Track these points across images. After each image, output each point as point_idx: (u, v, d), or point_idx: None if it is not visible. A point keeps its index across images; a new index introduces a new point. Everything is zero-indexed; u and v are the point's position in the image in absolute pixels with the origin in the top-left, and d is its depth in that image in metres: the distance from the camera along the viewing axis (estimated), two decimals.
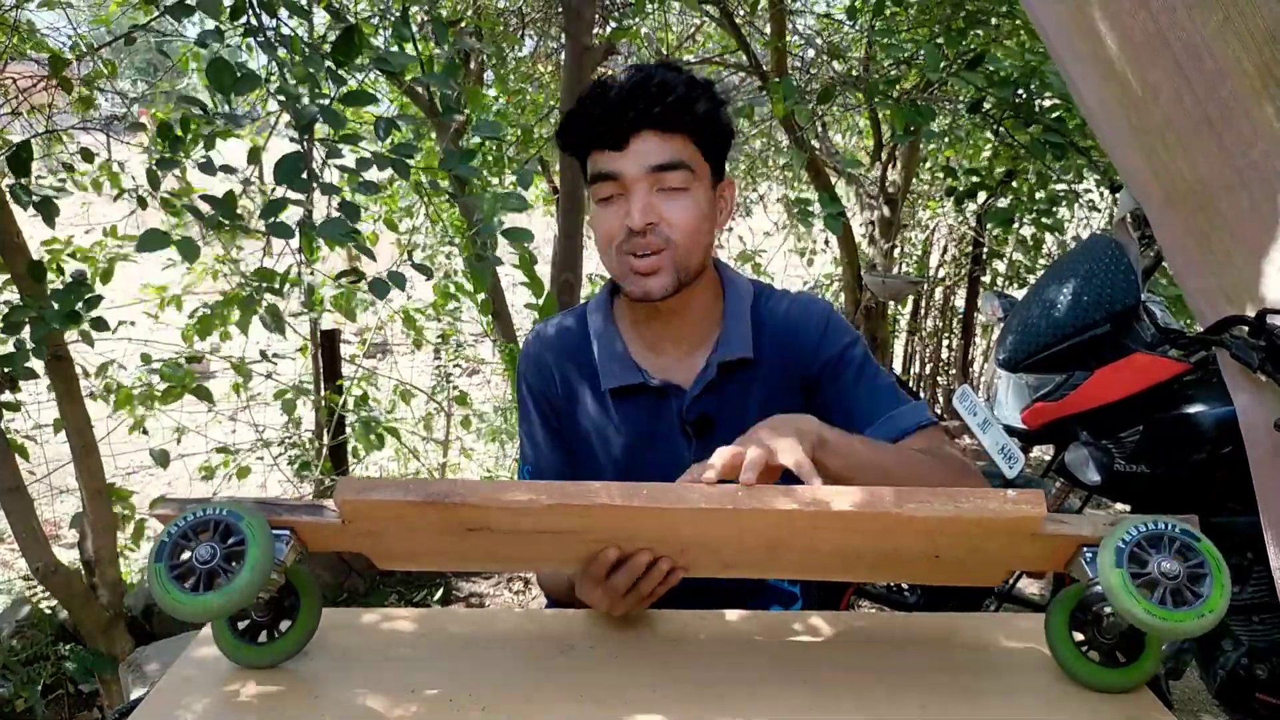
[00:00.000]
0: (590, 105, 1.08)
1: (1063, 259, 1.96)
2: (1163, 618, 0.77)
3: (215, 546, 0.81)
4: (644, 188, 1.06)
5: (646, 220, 1.06)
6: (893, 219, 4.31)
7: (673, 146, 1.06)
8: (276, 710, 0.87)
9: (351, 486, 0.84)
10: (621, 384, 1.17)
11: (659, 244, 1.07)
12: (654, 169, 1.06)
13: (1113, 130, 1.00)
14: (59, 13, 2.35)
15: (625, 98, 1.05)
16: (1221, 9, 0.91)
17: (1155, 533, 0.81)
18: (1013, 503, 0.81)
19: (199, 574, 0.80)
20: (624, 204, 1.07)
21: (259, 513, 0.85)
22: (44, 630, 2.40)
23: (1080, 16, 0.97)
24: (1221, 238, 0.97)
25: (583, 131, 1.09)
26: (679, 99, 1.05)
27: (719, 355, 1.16)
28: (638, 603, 0.94)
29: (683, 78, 1.07)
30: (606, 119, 1.06)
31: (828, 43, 3.77)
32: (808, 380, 1.18)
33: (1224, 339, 1.04)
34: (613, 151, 1.06)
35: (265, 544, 0.82)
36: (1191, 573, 0.78)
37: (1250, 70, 0.91)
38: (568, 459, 1.22)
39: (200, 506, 0.84)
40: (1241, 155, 0.93)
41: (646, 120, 1.05)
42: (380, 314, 3.65)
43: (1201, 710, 2.39)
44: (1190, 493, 1.74)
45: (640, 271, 1.08)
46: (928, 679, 0.92)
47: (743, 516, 0.83)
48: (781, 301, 1.22)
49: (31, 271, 1.95)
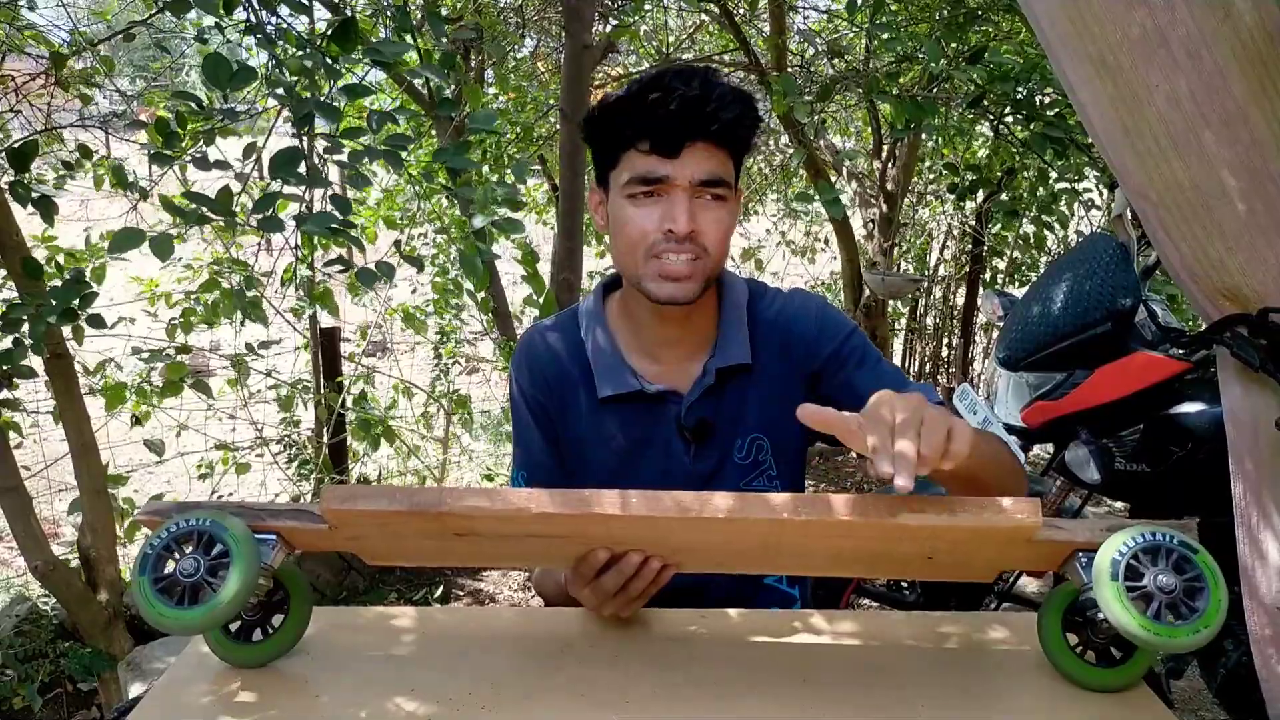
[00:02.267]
0: (648, 106, 1.04)
1: (1063, 258, 1.96)
2: (1157, 633, 0.76)
3: (199, 559, 0.80)
4: (686, 195, 1.05)
5: (692, 227, 1.05)
6: (892, 217, 4.31)
7: (718, 160, 1.06)
8: (276, 709, 0.87)
9: (337, 495, 0.83)
10: (618, 392, 1.16)
11: (696, 251, 1.07)
12: (701, 182, 1.05)
13: (1107, 129, 0.99)
14: (58, 10, 2.35)
15: (690, 106, 1.02)
16: (1221, 8, 0.90)
17: (1152, 545, 0.79)
18: (1008, 512, 0.80)
19: (184, 587, 0.79)
20: (663, 205, 1.06)
21: (243, 522, 0.84)
22: (42, 628, 2.40)
23: (1077, 12, 0.96)
24: (1217, 241, 0.97)
25: (633, 129, 1.06)
26: (737, 117, 1.04)
27: (717, 361, 1.15)
28: (627, 604, 0.94)
29: (736, 93, 1.06)
30: (666, 124, 1.03)
31: (828, 40, 3.77)
32: (811, 377, 1.18)
33: (1225, 338, 1.04)
34: (663, 157, 1.05)
35: (250, 556, 0.81)
36: (1188, 586, 0.77)
37: (1248, 70, 0.91)
38: (560, 461, 1.21)
39: (183, 517, 0.83)
40: (1237, 157, 0.93)
41: (704, 133, 1.04)
42: (379, 311, 3.65)
43: (1202, 709, 2.39)
44: (1190, 492, 1.74)
45: (671, 276, 1.07)
46: (927, 678, 0.92)
47: (735, 525, 0.82)
48: (775, 302, 1.22)
49: (27, 268, 1.95)
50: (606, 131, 1.09)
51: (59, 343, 2.10)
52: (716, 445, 1.17)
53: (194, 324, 2.60)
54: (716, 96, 1.03)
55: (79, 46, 2.23)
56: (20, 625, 2.41)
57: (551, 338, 1.22)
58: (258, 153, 1.76)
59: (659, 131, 1.04)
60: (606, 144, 1.10)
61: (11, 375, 1.89)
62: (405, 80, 2.84)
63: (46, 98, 2.40)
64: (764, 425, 1.17)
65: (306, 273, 2.57)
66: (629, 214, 1.08)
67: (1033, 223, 3.94)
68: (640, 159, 1.06)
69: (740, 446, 1.17)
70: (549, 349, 1.21)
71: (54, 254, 2.36)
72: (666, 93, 1.02)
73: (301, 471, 3.28)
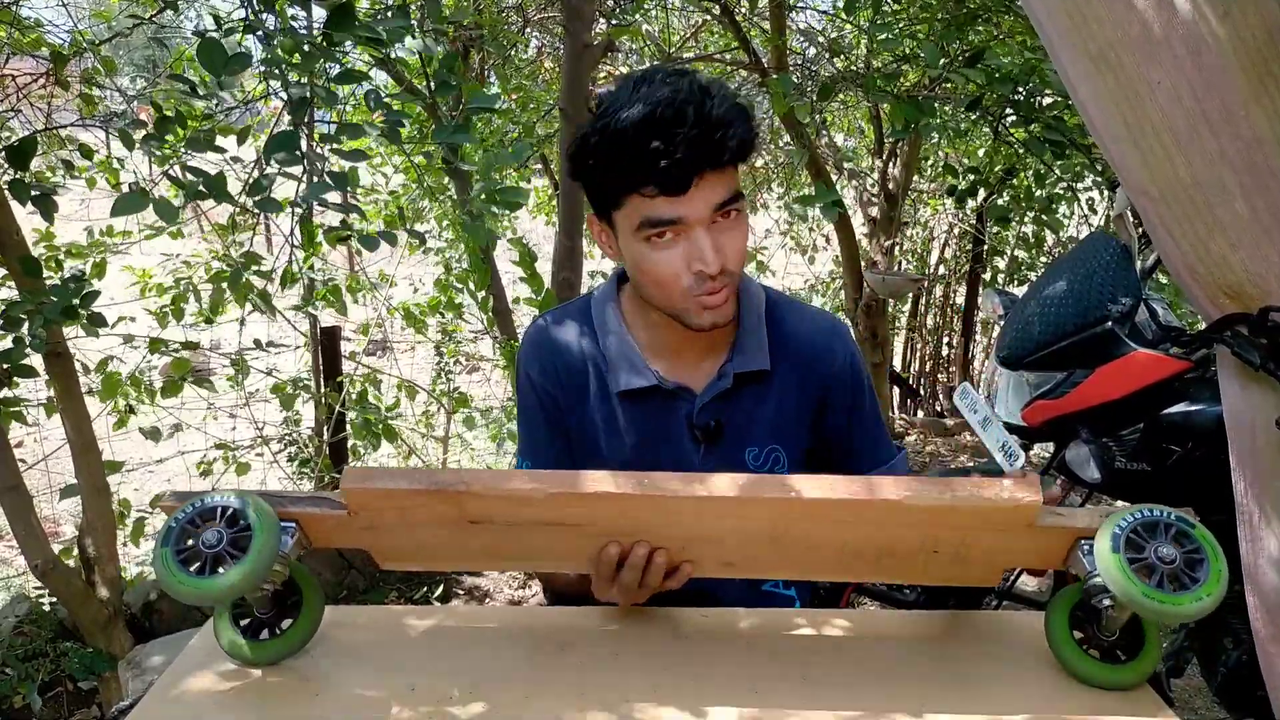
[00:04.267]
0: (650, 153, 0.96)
1: (1063, 257, 1.96)
2: (1162, 601, 0.77)
3: (222, 532, 0.83)
4: (706, 228, 1.01)
5: (721, 264, 1.02)
6: (893, 216, 4.31)
7: (727, 181, 1.01)
8: (276, 707, 0.87)
9: (357, 475, 0.86)
10: (634, 386, 1.15)
11: (728, 279, 1.05)
12: (717, 208, 1.01)
13: (1108, 127, 0.99)
14: (58, 10, 2.35)
15: (694, 145, 0.96)
16: (1221, 5, 0.90)
17: (1151, 520, 0.82)
18: (1008, 491, 0.82)
19: (205, 558, 0.82)
20: (685, 245, 1.02)
21: (266, 502, 0.86)
22: (43, 627, 2.40)
23: (1077, 10, 0.96)
24: (1218, 239, 0.97)
25: (637, 176, 0.99)
26: (738, 136, 0.99)
27: (735, 365, 1.15)
28: (650, 592, 0.96)
29: (730, 106, 0.99)
30: (670, 167, 0.97)
31: (829, 40, 3.77)
32: (823, 402, 1.19)
33: (1225, 337, 1.03)
34: (672, 197, 0.99)
35: (271, 531, 0.83)
36: (1188, 558, 0.80)
37: (1249, 67, 0.91)
38: (566, 451, 1.21)
39: (207, 494, 0.86)
40: (1238, 155, 0.93)
41: (711, 164, 0.98)
42: (380, 309, 3.65)
43: (1202, 708, 2.39)
44: (1190, 490, 1.73)
45: (711, 306, 1.05)
46: (927, 677, 0.92)
47: (744, 505, 0.85)
48: (801, 317, 1.21)
49: (26, 266, 1.95)
50: (603, 176, 1.03)
51: (59, 341, 2.10)
52: (726, 449, 1.17)
53: (184, 312, 2.61)
54: (716, 122, 0.97)
55: (80, 47, 2.23)
56: (20, 624, 2.41)
57: (563, 329, 1.21)
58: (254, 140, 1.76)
59: (664, 176, 0.98)
60: (605, 187, 1.05)
61: (12, 374, 1.88)
62: (404, 79, 2.84)
63: (47, 97, 2.40)
64: (777, 433, 1.17)
65: (310, 275, 2.57)
66: (652, 258, 1.03)
67: (1033, 222, 3.94)
68: (647, 203, 1.00)
69: (756, 454, 1.17)
70: (560, 340, 1.20)
71: (53, 253, 2.36)
72: (665, 137, 0.96)
73: (302, 470, 3.28)
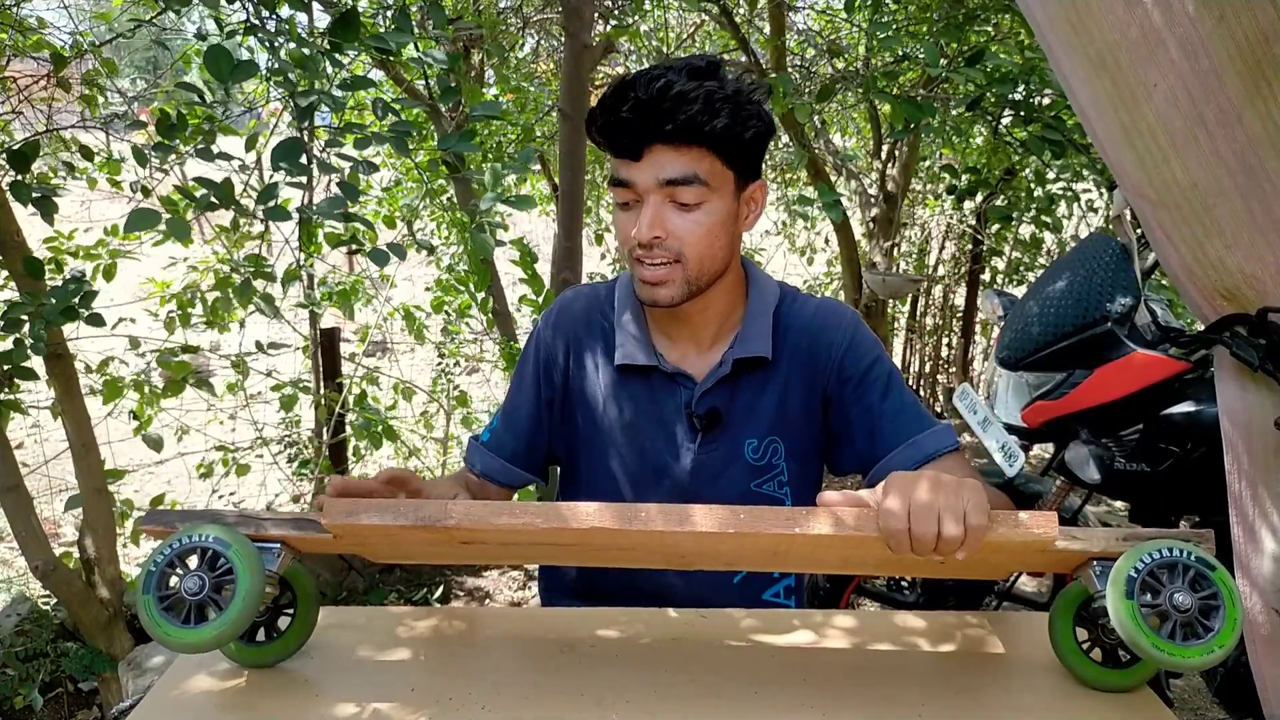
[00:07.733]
0: (608, 112, 1.04)
1: (1063, 257, 1.96)
2: (1171, 653, 0.76)
3: (203, 577, 0.80)
4: (656, 199, 1.05)
5: (653, 234, 1.05)
6: (892, 217, 4.31)
7: (686, 160, 1.03)
8: (276, 708, 0.87)
9: (340, 509, 0.83)
10: (633, 362, 1.17)
11: (668, 256, 1.06)
12: (666, 183, 1.03)
13: (1105, 128, 0.99)
14: (59, 11, 2.35)
15: (639, 110, 1.01)
16: (1218, 7, 0.90)
17: (1170, 561, 0.79)
18: (1025, 526, 0.80)
19: (189, 605, 0.79)
20: (637, 212, 1.06)
21: (245, 535, 0.83)
22: (43, 628, 2.40)
23: (1075, 12, 0.96)
24: (1214, 240, 0.97)
25: (600, 134, 1.07)
26: (693, 116, 1.00)
27: (735, 352, 1.15)
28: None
29: (704, 89, 1.01)
30: (622, 129, 1.03)
31: (827, 40, 3.77)
32: (829, 391, 1.18)
33: (1224, 337, 1.04)
34: (628, 160, 1.05)
35: (255, 571, 0.81)
36: (1203, 605, 0.77)
37: (1244, 70, 0.91)
38: (541, 420, 1.23)
39: (185, 533, 0.82)
40: (1234, 157, 0.93)
41: (659, 135, 1.02)
42: (380, 310, 3.65)
43: (1202, 709, 2.39)
44: (1188, 491, 1.74)
45: (648, 281, 1.08)
46: (928, 678, 0.93)
47: (744, 539, 0.82)
48: (807, 305, 1.21)
49: (28, 268, 1.95)
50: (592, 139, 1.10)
51: (59, 343, 2.10)
52: (725, 438, 1.17)
53: (191, 317, 2.60)
54: (673, 96, 0.99)
55: (81, 49, 2.23)
56: (21, 625, 2.41)
57: (587, 299, 1.25)
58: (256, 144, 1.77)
59: (617, 137, 1.04)
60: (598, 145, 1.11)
61: (12, 376, 1.89)
62: (405, 81, 2.84)
63: (48, 99, 2.40)
64: (777, 425, 1.17)
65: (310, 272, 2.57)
66: (618, 218, 1.10)
67: (1033, 222, 3.94)
68: (615, 161, 1.07)
69: (755, 447, 1.17)
70: (582, 307, 1.24)
71: (57, 253, 2.36)
72: (624, 95, 1.02)
73: (301, 471, 3.28)
